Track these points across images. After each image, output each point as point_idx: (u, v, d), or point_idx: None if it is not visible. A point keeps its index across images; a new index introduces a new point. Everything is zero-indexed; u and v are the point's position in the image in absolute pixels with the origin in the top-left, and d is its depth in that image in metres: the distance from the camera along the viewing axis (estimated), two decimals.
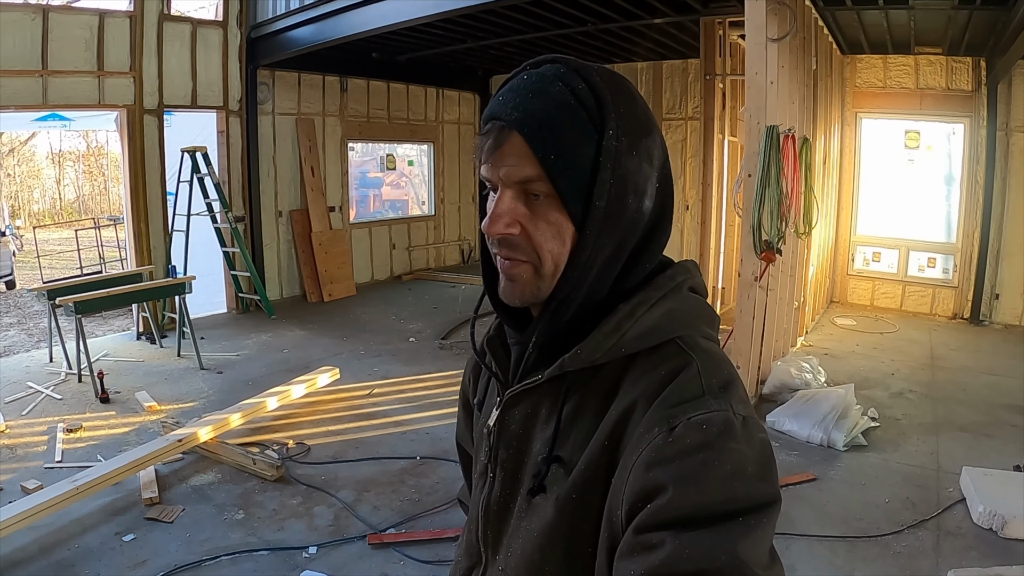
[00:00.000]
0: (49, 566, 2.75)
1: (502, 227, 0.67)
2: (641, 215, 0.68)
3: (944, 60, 6.61)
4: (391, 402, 4.63)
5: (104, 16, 5.81)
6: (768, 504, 0.57)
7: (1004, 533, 2.94)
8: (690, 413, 0.60)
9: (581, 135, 0.64)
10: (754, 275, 4.22)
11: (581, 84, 0.65)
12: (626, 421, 0.64)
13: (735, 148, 6.73)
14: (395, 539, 2.99)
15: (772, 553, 0.57)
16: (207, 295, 6.91)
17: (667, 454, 0.58)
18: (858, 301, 7.45)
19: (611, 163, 0.64)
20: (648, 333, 0.67)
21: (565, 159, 0.64)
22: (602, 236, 0.66)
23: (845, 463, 3.69)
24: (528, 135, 0.64)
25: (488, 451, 0.77)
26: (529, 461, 0.72)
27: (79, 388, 4.85)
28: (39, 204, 20.33)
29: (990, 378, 5.08)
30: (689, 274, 0.73)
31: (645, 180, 0.68)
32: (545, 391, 0.71)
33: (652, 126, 0.69)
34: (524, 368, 0.74)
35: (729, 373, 0.66)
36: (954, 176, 6.93)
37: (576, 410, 0.69)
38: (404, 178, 10.17)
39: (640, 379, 0.65)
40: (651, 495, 0.57)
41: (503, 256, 0.69)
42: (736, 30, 6.19)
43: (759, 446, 0.60)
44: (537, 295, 0.69)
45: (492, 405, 0.78)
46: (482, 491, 0.79)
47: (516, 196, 0.67)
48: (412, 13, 5.26)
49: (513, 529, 0.73)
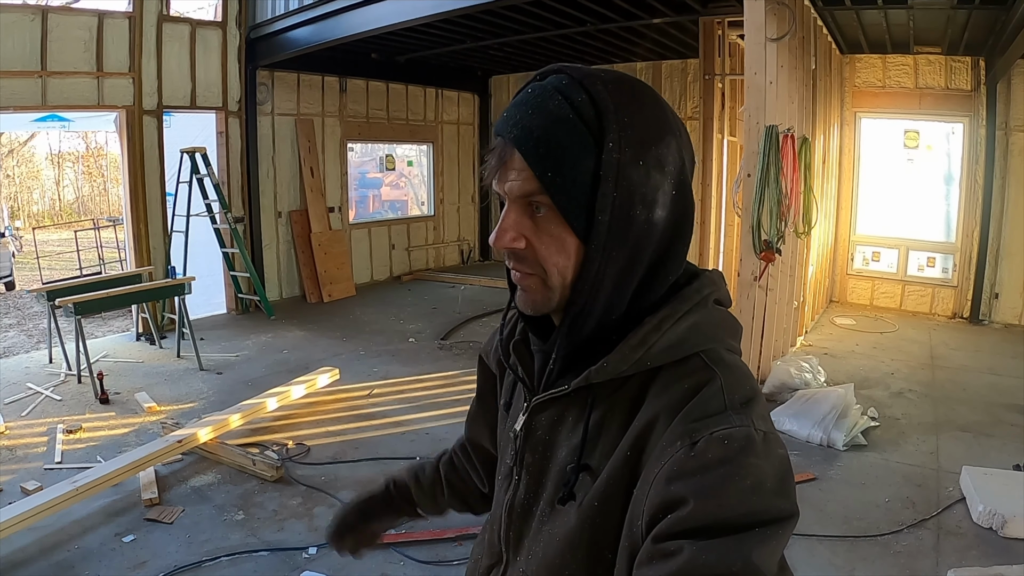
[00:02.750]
0: (49, 567, 2.75)
1: (507, 241, 0.69)
2: (652, 226, 0.67)
3: (943, 60, 6.61)
4: (391, 403, 4.62)
5: (103, 17, 5.81)
6: (785, 519, 0.58)
7: (1004, 532, 2.95)
8: (712, 428, 0.60)
9: (579, 149, 0.64)
10: (754, 275, 4.23)
11: (582, 96, 0.65)
12: (648, 433, 0.65)
13: (734, 148, 6.74)
14: (395, 539, 2.99)
15: (782, 563, 0.59)
16: (206, 296, 6.91)
17: (689, 468, 0.59)
18: (858, 301, 7.45)
19: (613, 176, 0.64)
20: (674, 346, 0.67)
21: (563, 175, 0.65)
22: (610, 249, 0.66)
23: (845, 463, 3.69)
24: (525, 152, 0.65)
25: (514, 454, 0.79)
26: (554, 467, 0.74)
27: (79, 389, 4.85)
28: (38, 205, 20.31)
29: (990, 377, 5.08)
30: (715, 286, 0.73)
31: (655, 190, 0.66)
32: (572, 400, 0.72)
33: (665, 132, 0.68)
34: (549, 376, 0.75)
35: (751, 388, 0.66)
36: (953, 175, 6.93)
37: (603, 420, 0.70)
38: (403, 179, 10.18)
39: (664, 392, 0.66)
40: (672, 507, 0.58)
41: (513, 268, 0.72)
42: (735, 30, 6.20)
43: (778, 462, 0.61)
44: (548, 305, 0.71)
45: (519, 409, 0.79)
46: (506, 492, 0.80)
47: (522, 211, 0.68)
48: (411, 13, 5.26)
49: (535, 532, 0.75)
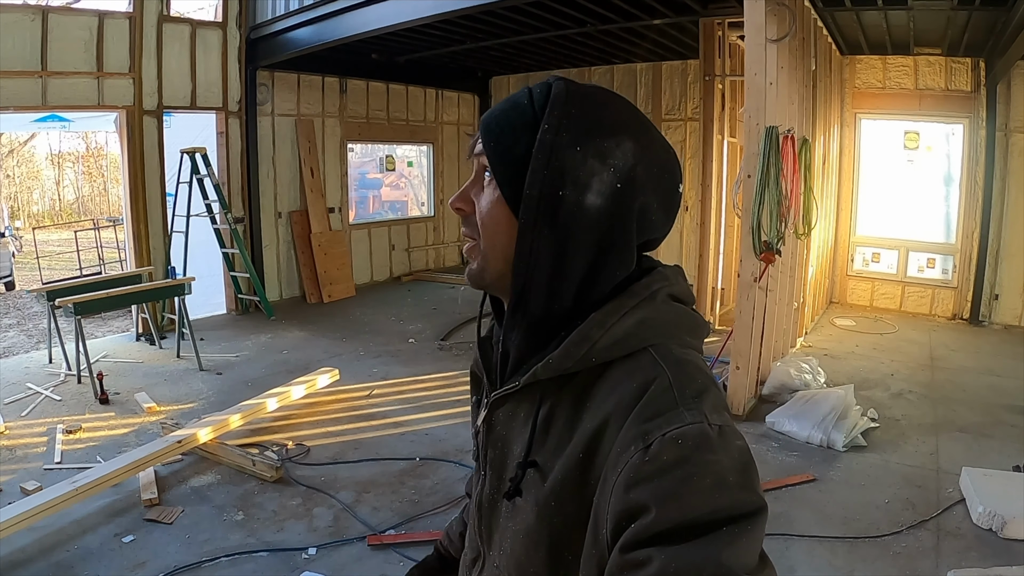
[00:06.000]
0: (48, 567, 2.75)
1: (456, 202, 0.75)
2: (582, 209, 0.67)
3: (943, 61, 6.62)
4: (391, 403, 4.62)
5: (103, 17, 5.81)
6: (752, 512, 0.56)
7: (1004, 533, 2.95)
8: (664, 428, 0.59)
9: (521, 127, 0.69)
10: (753, 276, 4.22)
11: (542, 90, 0.70)
12: (601, 436, 0.64)
13: (734, 149, 6.74)
14: (395, 540, 2.99)
15: (762, 557, 0.57)
16: (206, 296, 6.91)
17: (645, 473, 0.57)
18: (857, 302, 7.46)
19: (544, 154, 0.67)
20: (620, 342, 0.66)
21: (502, 146, 0.70)
22: (540, 226, 0.67)
23: (845, 464, 3.69)
24: (482, 129, 0.72)
25: (477, 450, 0.80)
26: (510, 463, 0.74)
27: (78, 389, 4.84)
28: (38, 205, 20.32)
29: (990, 378, 5.08)
30: (667, 281, 0.71)
31: (590, 175, 0.66)
32: (524, 395, 0.72)
33: (620, 131, 0.68)
34: (506, 370, 0.75)
35: (702, 382, 0.64)
36: (953, 177, 6.94)
37: (550, 416, 0.69)
38: (403, 179, 10.18)
39: (613, 391, 0.65)
40: (634, 515, 0.56)
41: (462, 234, 0.77)
42: (735, 31, 6.19)
43: (737, 454, 0.59)
44: (483, 276, 0.74)
45: (483, 405, 0.80)
46: (476, 487, 0.81)
47: (475, 181, 0.74)
48: (411, 14, 5.26)
49: (502, 528, 0.75)
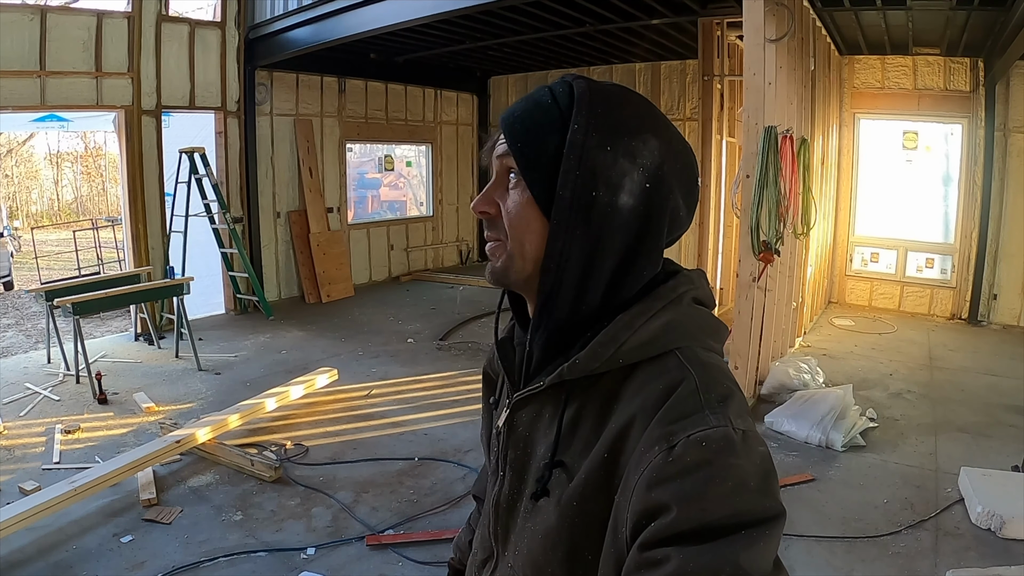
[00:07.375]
0: (47, 567, 2.75)
1: (479, 205, 0.74)
2: (615, 210, 0.67)
3: (942, 61, 6.62)
4: (389, 403, 4.62)
5: (102, 17, 5.80)
6: (772, 518, 0.57)
7: (1003, 533, 2.95)
8: (689, 430, 0.59)
9: (549, 128, 0.69)
10: (752, 276, 4.23)
11: (564, 88, 0.70)
12: (626, 436, 0.64)
13: (733, 149, 6.74)
14: (393, 540, 2.99)
15: (777, 563, 0.58)
16: (205, 296, 6.92)
17: (668, 473, 0.58)
18: (856, 302, 7.46)
19: (576, 154, 0.67)
20: (647, 344, 0.67)
21: (531, 147, 0.69)
22: (573, 227, 0.67)
23: (843, 464, 3.69)
24: (505, 129, 0.72)
25: (498, 450, 0.79)
26: (534, 463, 0.74)
27: (77, 389, 4.84)
28: (37, 205, 20.28)
29: (988, 378, 5.08)
30: (693, 285, 0.72)
31: (621, 175, 0.67)
32: (548, 396, 0.72)
33: (645, 129, 0.69)
34: (528, 371, 0.75)
35: (728, 387, 0.65)
36: (952, 177, 6.94)
37: (577, 417, 0.70)
38: (402, 179, 10.18)
39: (639, 392, 0.65)
40: (655, 514, 0.57)
41: (486, 237, 0.75)
42: (734, 31, 6.20)
43: (759, 460, 0.60)
44: (508, 275, 0.73)
45: (504, 405, 0.80)
46: (493, 488, 0.81)
47: (499, 182, 0.73)
48: (410, 14, 5.26)
49: (520, 528, 0.75)
